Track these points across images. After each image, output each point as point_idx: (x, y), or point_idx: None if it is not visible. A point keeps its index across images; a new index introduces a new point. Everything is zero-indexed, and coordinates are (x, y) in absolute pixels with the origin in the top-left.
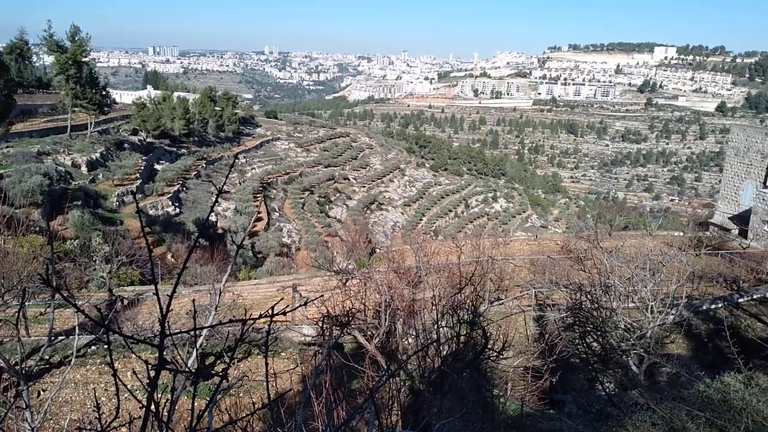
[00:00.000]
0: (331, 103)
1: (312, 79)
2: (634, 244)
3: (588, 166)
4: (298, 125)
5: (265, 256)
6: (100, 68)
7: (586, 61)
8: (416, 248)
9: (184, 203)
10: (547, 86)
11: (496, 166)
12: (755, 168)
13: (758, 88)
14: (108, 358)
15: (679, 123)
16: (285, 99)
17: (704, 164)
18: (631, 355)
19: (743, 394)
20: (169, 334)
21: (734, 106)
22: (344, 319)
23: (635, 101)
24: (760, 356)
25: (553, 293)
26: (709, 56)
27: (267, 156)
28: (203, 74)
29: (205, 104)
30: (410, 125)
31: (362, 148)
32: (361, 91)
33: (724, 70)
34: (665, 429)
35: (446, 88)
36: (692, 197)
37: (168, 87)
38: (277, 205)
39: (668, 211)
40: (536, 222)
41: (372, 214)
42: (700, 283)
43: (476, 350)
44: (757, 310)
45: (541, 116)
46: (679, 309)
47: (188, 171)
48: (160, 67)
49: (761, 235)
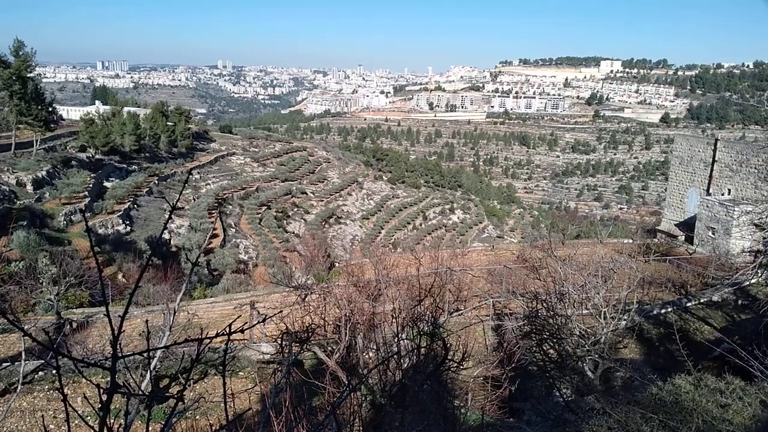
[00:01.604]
0: (287, 118)
1: (267, 93)
2: (586, 252)
3: (540, 177)
4: (254, 140)
5: (221, 274)
6: (46, 84)
7: (536, 74)
8: (375, 261)
9: (135, 221)
10: (499, 99)
11: (453, 178)
12: (699, 176)
13: (699, 99)
14: (57, 384)
15: (625, 134)
16: (240, 113)
17: (650, 173)
18: (587, 360)
19: (693, 395)
20: (122, 356)
21: (677, 117)
22: (304, 335)
23: (583, 113)
24: (708, 358)
25: (511, 302)
26: (652, 69)
27: (222, 171)
28: (154, 89)
29: (156, 119)
30: (367, 138)
31: (319, 162)
32: (318, 105)
33: (666, 83)
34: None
35: (402, 102)
36: (640, 205)
37: (118, 102)
38: (233, 221)
39: (618, 220)
40: (492, 232)
41: (330, 228)
42: (650, 288)
43: (437, 362)
44: (705, 313)
45: (495, 129)
46: (631, 314)
47: (139, 188)
48: (109, 82)
49: (706, 241)
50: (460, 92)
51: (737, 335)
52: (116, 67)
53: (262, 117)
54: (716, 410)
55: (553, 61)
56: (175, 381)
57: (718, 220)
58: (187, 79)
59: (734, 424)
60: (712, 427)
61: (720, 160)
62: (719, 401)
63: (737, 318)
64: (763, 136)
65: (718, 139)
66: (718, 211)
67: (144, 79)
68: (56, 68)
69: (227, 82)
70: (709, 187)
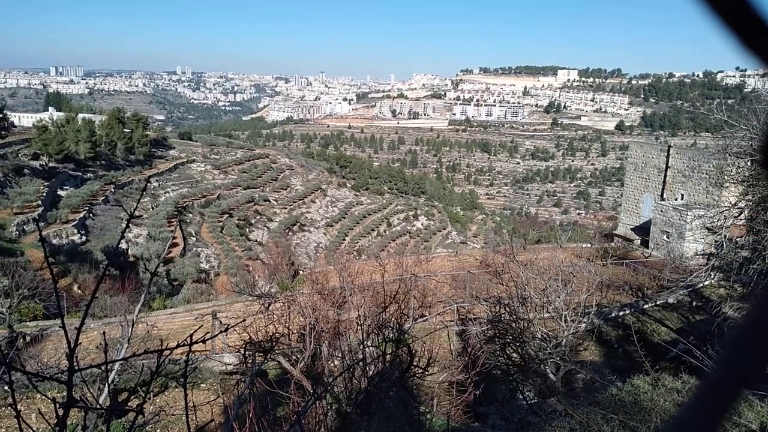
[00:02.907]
0: (248, 124)
1: (228, 99)
2: (546, 256)
3: (502, 183)
4: (215, 147)
5: (181, 284)
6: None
7: (496, 83)
8: (340, 268)
9: (91, 231)
10: (461, 107)
11: (416, 184)
12: (653, 182)
13: (652, 107)
14: (9, 400)
15: (582, 141)
16: (200, 120)
17: (607, 179)
18: (549, 363)
19: (652, 395)
20: (78, 370)
21: (632, 125)
22: (267, 344)
23: (542, 121)
24: (665, 358)
25: (475, 307)
26: (607, 78)
27: (182, 179)
28: (111, 95)
29: (113, 126)
30: (330, 145)
31: (282, 169)
32: (280, 111)
33: (621, 92)
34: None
35: (365, 109)
36: (597, 211)
37: (72, 108)
38: (194, 229)
39: (576, 225)
40: (456, 238)
41: (294, 236)
42: (608, 291)
43: (402, 368)
44: (661, 315)
45: (457, 136)
46: (591, 317)
47: (95, 196)
48: (63, 87)
49: (661, 245)
50: (422, 100)
51: (692, 336)
52: (70, 72)
53: (222, 124)
54: (674, 409)
55: (513, 70)
56: (134, 394)
57: (672, 225)
58: (144, 85)
59: None
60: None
61: (673, 166)
62: (676, 400)
63: (692, 319)
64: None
65: (671, 146)
66: (672, 216)
67: (99, 85)
68: (7, 73)
69: (186, 89)
70: (663, 193)
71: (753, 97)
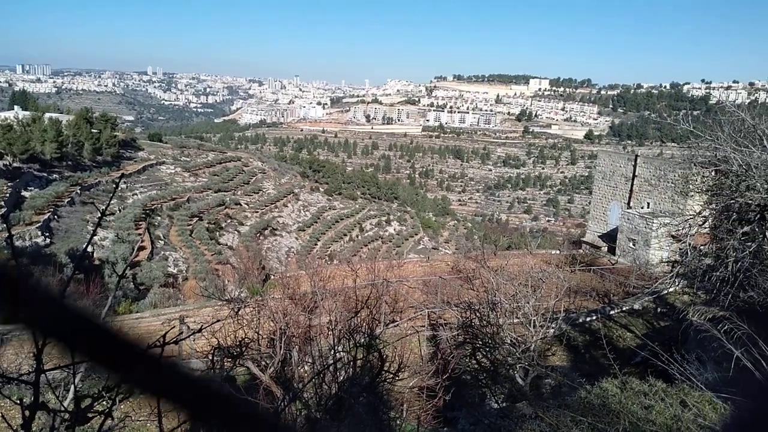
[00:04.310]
0: (221, 127)
1: (200, 101)
2: (516, 262)
3: (474, 190)
4: (186, 149)
5: (148, 288)
6: None
7: (470, 90)
8: (312, 273)
9: (55, 233)
10: (434, 113)
11: (389, 190)
12: (620, 190)
13: (620, 117)
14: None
15: (552, 149)
16: (171, 121)
17: (576, 187)
18: (517, 368)
19: (620, 397)
20: (45, 371)
21: (600, 134)
22: (237, 350)
23: (514, 129)
24: (631, 363)
25: (445, 312)
26: (577, 88)
27: (151, 181)
28: (79, 95)
29: (80, 126)
30: (304, 149)
31: (255, 172)
32: (253, 114)
33: (590, 101)
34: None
35: (339, 114)
36: (566, 218)
37: (39, 108)
38: (162, 232)
39: (546, 231)
40: (428, 244)
41: (265, 240)
42: (576, 297)
43: (373, 373)
44: (627, 320)
45: (430, 142)
46: (559, 322)
47: (60, 198)
48: (29, 86)
49: (627, 252)
50: (396, 105)
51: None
52: (38, 71)
53: (194, 125)
54: (641, 411)
55: (486, 77)
56: (98, 400)
57: (638, 232)
58: (114, 85)
59: (657, 424)
60: (638, 428)
61: (640, 175)
62: (643, 403)
63: (657, 325)
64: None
65: (638, 155)
66: (639, 224)
67: (68, 84)
68: None
69: (157, 89)
70: (629, 201)
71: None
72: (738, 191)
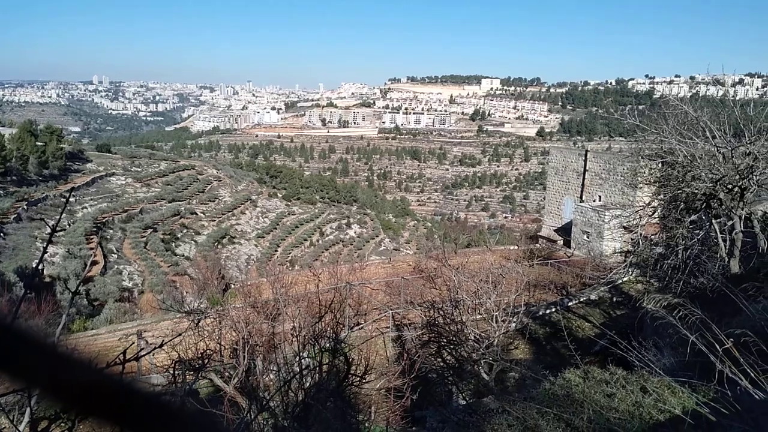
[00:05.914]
0: (172, 135)
1: (149, 109)
2: (476, 259)
3: (432, 190)
4: (136, 159)
5: (102, 303)
6: None
7: (424, 91)
8: (273, 280)
9: (2, 251)
10: (390, 115)
11: (348, 193)
12: (572, 185)
13: (570, 114)
14: None
15: (506, 147)
16: (119, 131)
17: (530, 183)
18: (482, 364)
19: (583, 387)
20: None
21: (551, 131)
22: (198, 362)
23: (468, 128)
24: (591, 353)
25: (409, 313)
26: (528, 87)
27: (101, 193)
28: (21, 107)
29: (24, 139)
30: (260, 155)
31: (210, 180)
32: (205, 121)
33: (541, 99)
34: (520, 428)
35: (294, 118)
36: (522, 214)
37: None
38: (115, 246)
39: (503, 228)
40: (389, 245)
41: (224, 249)
42: (535, 291)
43: (339, 377)
44: (585, 311)
45: (387, 144)
46: (520, 316)
47: (6, 214)
48: None
49: (582, 244)
50: (352, 108)
51: (615, 330)
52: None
53: (144, 135)
54: (604, 399)
55: (439, 79)
56: (56, 422)
57: (591, 225)
58: (58, 95)
59: (620, 411)
60: (602, 416)
61: (590, 169)
62: (606, 391)
63: (613, 314)
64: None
65: (588, 150)
66: (591, 217)
67: (9, 96)
68: None
69: (104, 99)
70: (582, 195)
71: (662, 102)
72: (684, 181)
